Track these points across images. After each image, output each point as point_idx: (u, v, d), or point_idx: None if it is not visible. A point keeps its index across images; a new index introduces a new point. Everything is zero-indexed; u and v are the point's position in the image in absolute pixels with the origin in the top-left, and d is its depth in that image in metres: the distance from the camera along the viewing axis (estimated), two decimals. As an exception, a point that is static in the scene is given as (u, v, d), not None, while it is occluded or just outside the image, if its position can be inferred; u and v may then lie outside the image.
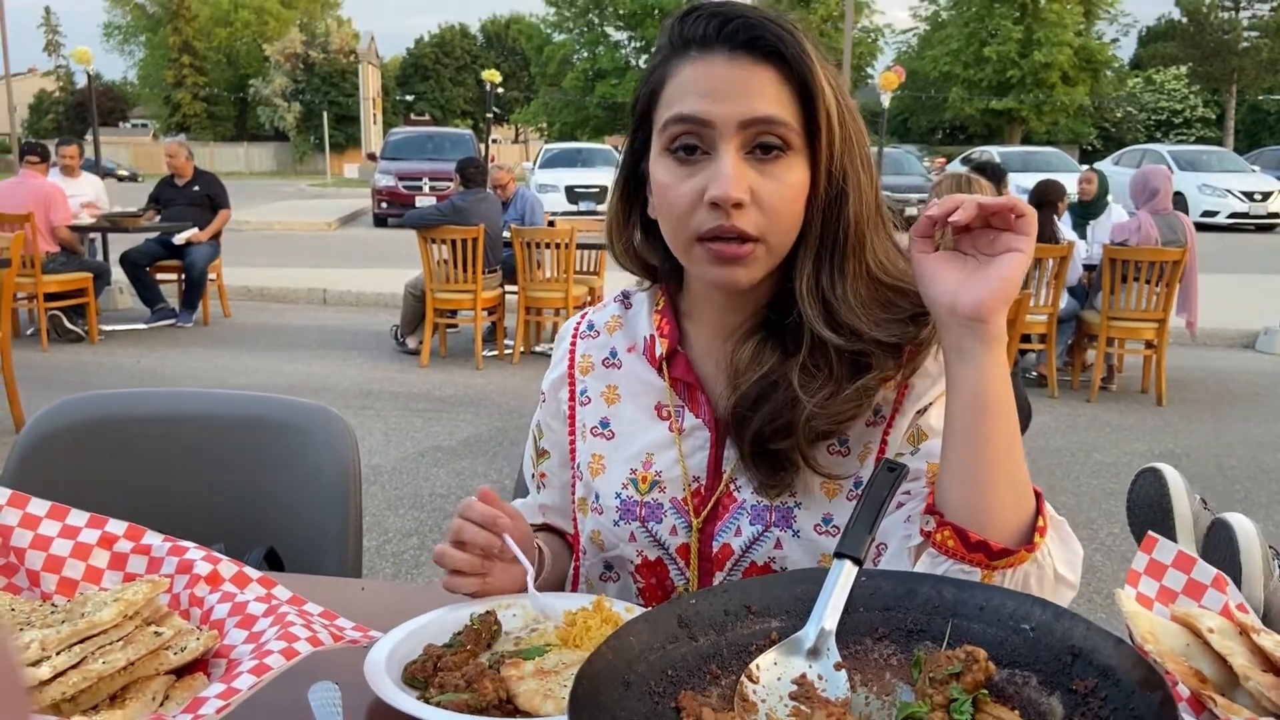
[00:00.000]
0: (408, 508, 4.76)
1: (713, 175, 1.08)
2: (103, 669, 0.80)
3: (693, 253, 1.13)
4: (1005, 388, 1.02)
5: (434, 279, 7.51)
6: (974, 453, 1.01)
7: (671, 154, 1.12)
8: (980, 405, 1.01)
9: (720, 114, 1.08)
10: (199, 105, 54.81)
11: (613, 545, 1.29)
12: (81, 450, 1.67)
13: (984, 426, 1.01)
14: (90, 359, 7.77)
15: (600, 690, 0.81)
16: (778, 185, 1.09)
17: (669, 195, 1.12)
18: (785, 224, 1.11)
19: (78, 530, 1.00)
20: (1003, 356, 1.03)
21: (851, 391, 1.12)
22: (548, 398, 1.40)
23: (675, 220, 1.12)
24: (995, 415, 1.01)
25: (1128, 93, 42.01)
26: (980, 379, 1.01)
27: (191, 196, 9.10)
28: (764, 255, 1.11)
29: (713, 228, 1.08)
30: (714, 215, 1.08)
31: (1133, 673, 0.75)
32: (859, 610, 0.93)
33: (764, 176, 1.09)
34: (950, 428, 1.04)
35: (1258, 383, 7.72)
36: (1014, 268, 1.01)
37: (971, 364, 1.02)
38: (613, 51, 42.23)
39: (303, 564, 1.61)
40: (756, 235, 1.09)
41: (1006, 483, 1.01)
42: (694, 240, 1.11)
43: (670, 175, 1.12)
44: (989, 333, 1.01)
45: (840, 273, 1.13)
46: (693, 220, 1.10)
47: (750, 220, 1.08)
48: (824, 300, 1.13)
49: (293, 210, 22.00)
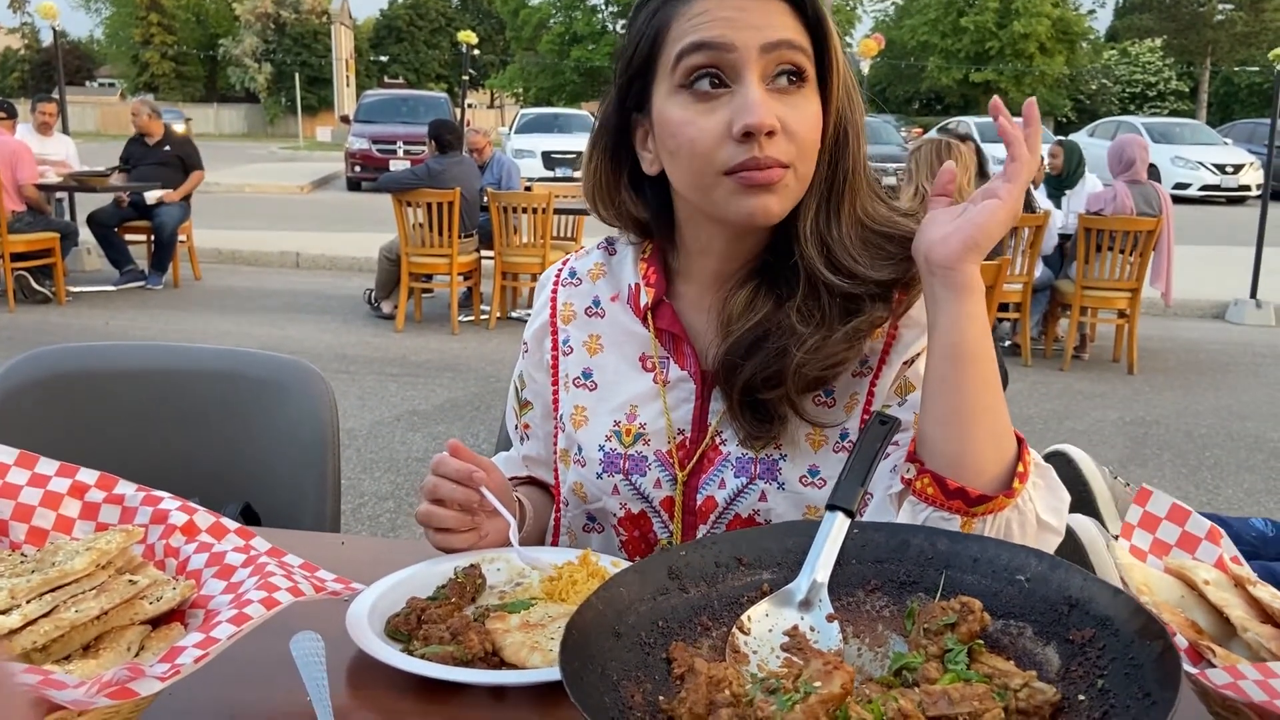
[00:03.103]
0: (383, 471, 4.73)
1: (739, 107, 1.04)
2: (75, 618, 0.77)
3: (718, 189, 1.08)
4: (980, 337, 1.01)
5: (409, 243, 7.43)
6: (949, 400, 1.01)
7: (688, 89, 1.07)
8: (954, 354, 1.01)
9: (741, 38, 1.05)
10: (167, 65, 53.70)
11: (595, 498, 1.28)
12: (51, 404, 1.62)
13: (958, 375, 1.01)
14: (58, 320, 7.64)
15: (590, 641, 0.79)
16: (801, 114, 1.07)
17: (687, 133, 1.07)
18: (810, 152, 1.09)
19: (47, 479, 0.97)
20: (976, 306, 1.01)
21: (842, 334, 1.11)
22: (530, 348, 1.38)
23: (698, 159, 1.07)
24: (969, 364, 1.00)
25: (1102, 65, 42.11)
26: (951, 327, 1.01)
27: (161, 156, 8.93)
28: (794, 183, 1.08)
29: (745, 159, 1.04)
30: (744, 148, 1.04)
31: (1131, 622, 0.74)
32: (851, 562, 0.92)
33: (788, 106, 1.06)
34: (927, 376, 1.04)
35: (1227, 352, 7.81)
36: (987, 215, 1.00)
37: (943, 312, 1.01)
38: (589, 16, 41.77)
39: (280, 521, 1.58)
40: (788, 162, 1.06)
41: (984, 430, 1.00)
42: (720, 175, 1.07)
43: (687, 112, 1.07)
44: (956, 280, 1.00)
45: (837, 215, 1.13)
46: (719, 155, 1.06)
47: (781, 149, 1.05)
48: (823, 241, 1.12)
49: (264, 173, 21.70)
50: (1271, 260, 9.01)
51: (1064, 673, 0.77)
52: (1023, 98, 1.07)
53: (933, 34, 39.92)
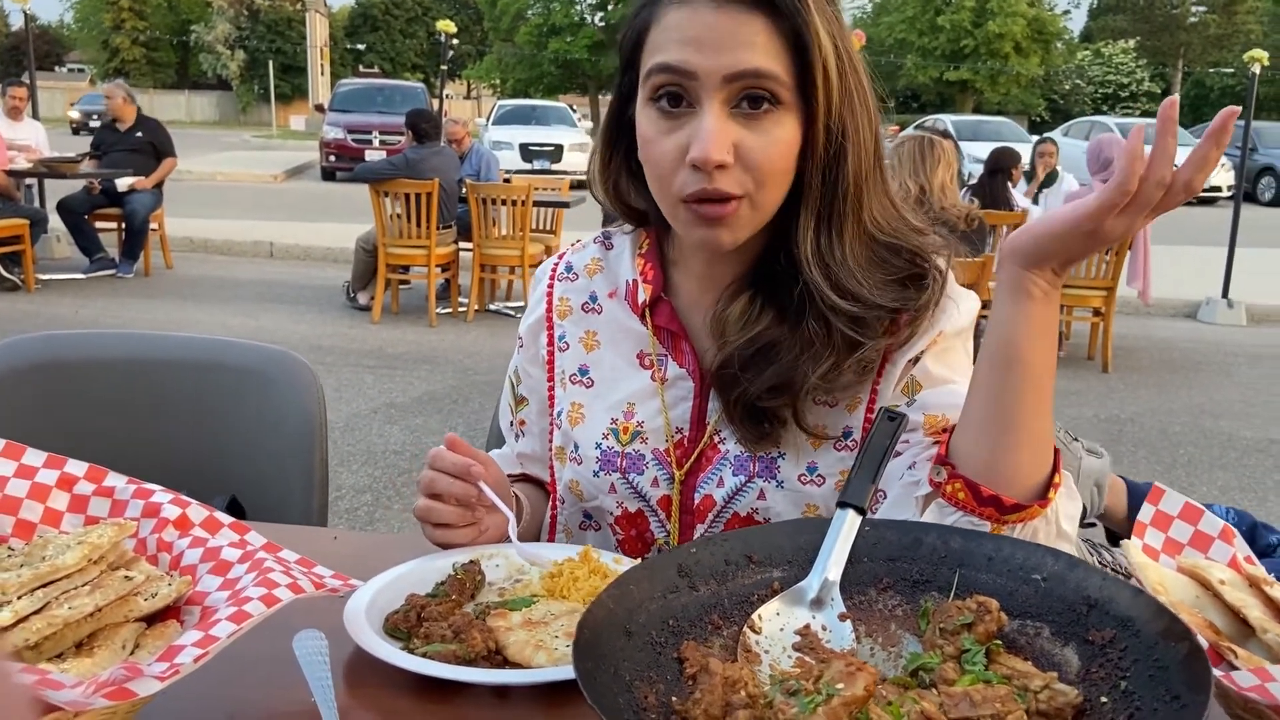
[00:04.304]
0: (361, 464, 4.68)
1: (694, 133, 1.02)
2: (69, 615, 0.74)
3: (677, 214, 1.08)
4: (1030, 342, 0.96)
5: (387, 234, 7.36)
6: (991, 407, 0.98)
7: (655, 104, 1.06)
8: (1000, 354, 0.97)
9: (704, 66, 1.01)
10: (138, 50, 52.99)
11: (592, 496, 1.26)
12: (30, 394, 1.58)
13: (1001, 377, 0.97)
14: (26, 308, 7.51)
15: (602, 640, 0.77)
16: (765, 141, 1.03)
17: (652, 151, 1.07)
18: (772, 181, 1.05)
19: (34, 470, 0.93)
20: (1038, 314, 0.96)
21: (852, 362, 1.09)
22: (525, 343, 1.35)
23: (659, 180, 1.08)
24: (1015, 367, 0.96)
25: (1076, 65, 42.47)
26: (1004, 327, 0.97)
27: (133, 143, 8.80)
28: (748, 213, 1.06)
29: (695, 190, 1.03)
30: (696, 177, 1.03)
31: (1154, 623, 0.73)
32: (863, 560, 0.91)
33: (751, 132, 1.03)
34: (975, 376, 1.01)
35: (1199, 351, 7.88)
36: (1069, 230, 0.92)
37: (1000, 309, 0.98)
38: (567, 7, 41.58)
39: (266, 514, 1.55)
40: (740, 194, 1.04)
41: (1028, 441, 0.97)
42: (678, 201, 1.06)
43: (654, 128, 1.07)
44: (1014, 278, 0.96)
45: (839, 236, 1.09)
46: (676, 181, 1.05)
47: (734, 180, 1.03)
48: (824, 265, 1.08)
49: (237, 161, 21.46)
50: (1243, 260, 9.11)
51: (1084, 674, 0.76)
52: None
53: (910, 32, 40.08)
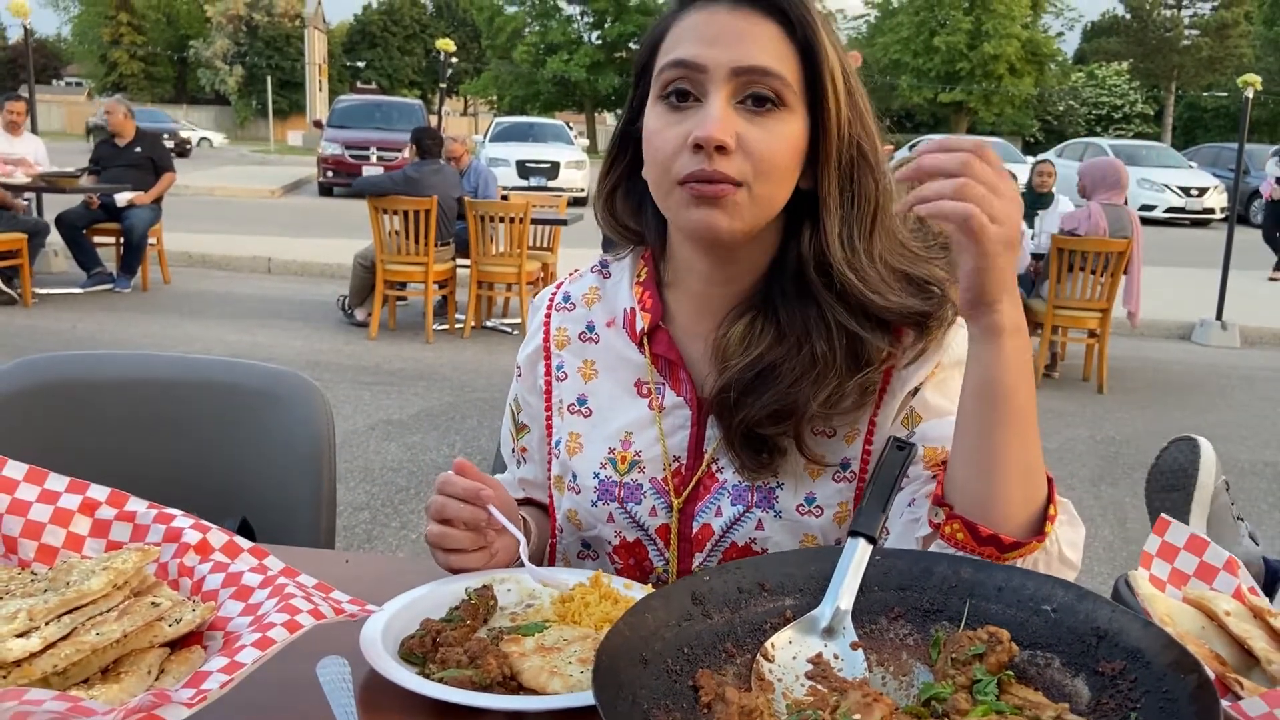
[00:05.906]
0: (358, 481, 4.68)
1: (699, 119, 1.05)
2: (96, 641, 0.76)
3: (673, 197, 1.09)
4: (1015, 380, 0.98)
5: (385, 250, 7.38)
6: (980, 443, 0.99)
7: (664, 100, 1.09)
8: (981, 391, 0.99)
9: (713, 59, 1.05)
10: (136, 65, 53.13)
11: (590, 525, 1.26)
12: (40, 415, 1.59)
13: (985, 413, 0.99)
14: (23, 322, 7.51)
15: (620, 668, 0.79)
16: (768, 135, 1.06)
17: (655, 141, 1.09)
18: (773, 174, 1.07)
19: (57, 495, 0.94)
20: (1010, 348, 0.98)
21: (854, 385, 1.11)
22: (524, 371, 1.36)
23: (658, 166, 1.09)
24: (998, 407, 0.98)
25: (1070, 86, 42.76)
26: (981, 368, 0.99)
27: (132, 158, 8.81)
28: (746, 203, 1.07)
29: (694, 170, 1.05)
30: (696, 159, 1.05)
31: (1163, 655, 0.75)
32: (874, 589, 0.92)
33: (754, 126, 1.06)
34: (959, 415, 1.03)
35: (1193, 373, 7.93)
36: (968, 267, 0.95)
37: (974, 350, 1.00)
38: (564, 26, 41.81)
39: (273, 536, 1.55)
40: (739, 180, 1.06)
41: (1017, 475, 0.99)
42: (675, 184, 1.08)
43: (660, 121, 1.09)
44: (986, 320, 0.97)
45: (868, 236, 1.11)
46: (676, 164, 1.07)
47: (733, 166, 1.05)
48: (855, 267, 1.10)
49: (235, 176, 21.50)
50: (1237, 282, 9.17)
51: (1095, 705, 0.77)
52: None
53: (905, 52, 40.35)
